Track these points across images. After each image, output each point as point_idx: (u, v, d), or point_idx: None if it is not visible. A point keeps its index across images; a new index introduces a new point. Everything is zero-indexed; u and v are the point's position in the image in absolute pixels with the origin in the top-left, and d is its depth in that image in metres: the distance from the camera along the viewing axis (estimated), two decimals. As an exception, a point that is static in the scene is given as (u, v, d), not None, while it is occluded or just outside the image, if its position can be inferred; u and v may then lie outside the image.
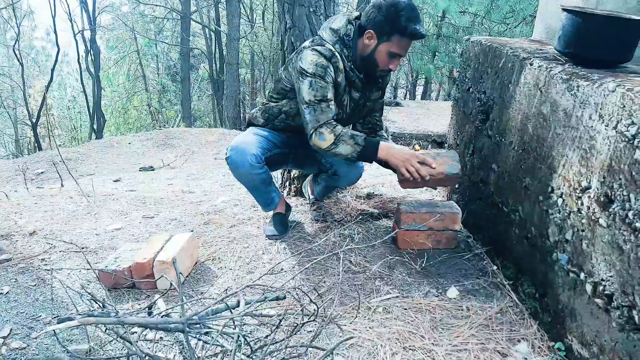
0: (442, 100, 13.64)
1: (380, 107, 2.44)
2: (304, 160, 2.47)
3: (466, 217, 2.29)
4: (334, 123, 2.06)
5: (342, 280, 1.95)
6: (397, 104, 8.23)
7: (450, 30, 11.74)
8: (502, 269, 2.01)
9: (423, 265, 2.08)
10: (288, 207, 2.52)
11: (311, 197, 2.72)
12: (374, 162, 2.07)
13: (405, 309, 1.79)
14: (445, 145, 2.88)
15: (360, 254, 2.16)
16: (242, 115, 14.33)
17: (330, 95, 2.06)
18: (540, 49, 2.03)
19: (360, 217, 2.58)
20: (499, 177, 2.07)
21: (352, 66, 2.12)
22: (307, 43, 2.15)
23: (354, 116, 2.33)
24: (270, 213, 2.49)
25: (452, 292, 1.90)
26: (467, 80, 2.48)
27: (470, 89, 2.42)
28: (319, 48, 2.06)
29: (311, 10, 2.53)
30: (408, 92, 16.80)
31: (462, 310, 1.79)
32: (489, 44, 2.24)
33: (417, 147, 2.23)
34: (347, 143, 2.03)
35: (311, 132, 2.06)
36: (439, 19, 11.75)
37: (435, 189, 2.21)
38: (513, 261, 1.94)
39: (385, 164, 2.08)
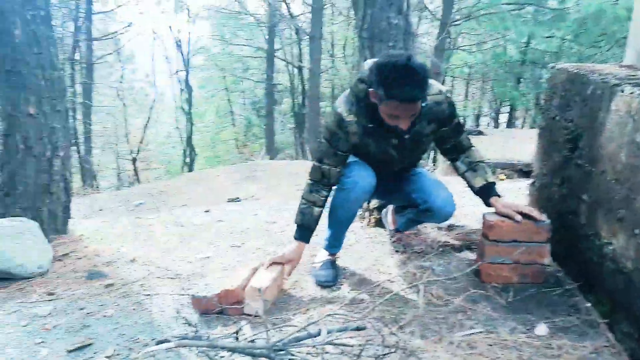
0: (528, 128, 13.14)
1: (452, 134, 2.26)
2: (390, 193, 2.44)
3: (555, 250, 2.19)
4: (315, 184, 2.21)
5: (423, 313, 1.93)
6: (480, 133, 8.05)
7: (537, 55, 11.36)
8: (596, 305, 1.90)
9: (509, 300, 2.01)
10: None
11: (391, 228, 2.72)
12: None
13: (490, 345, 1.73)
14: (532, 174, 2.79)
15: (441, 287, 2.13)
16: (323, 147, 14.58)
17: (327, 159, 2.16)
18: (632, 75, 1.95)
19: (441, 249, 2.55)
20: (589, 208, 1.98)
21: (369, 124, 2.09)
22: (340, 101, 2.17)
23: (408, 155, 2.25)
24: (322, 257, 2.45)
25: (541, 329, 1.82)
26: (553, 108, 2.41)
27: (557, 117, 2.35)
28: (337, 112, 2.12)
29: (390, 45, 2.60)
30: (492, 120, 16.36)
31: (552, 348, 1.71)
32: (575, 71, 2.18)
33: (502, 176, 2.20)
34: (300, 207, 2.23)
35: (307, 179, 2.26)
36: (524, 45, 11.42)
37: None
38: (608, 297, 1.82)
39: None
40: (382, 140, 2.15)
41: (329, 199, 2.28)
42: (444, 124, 2.20)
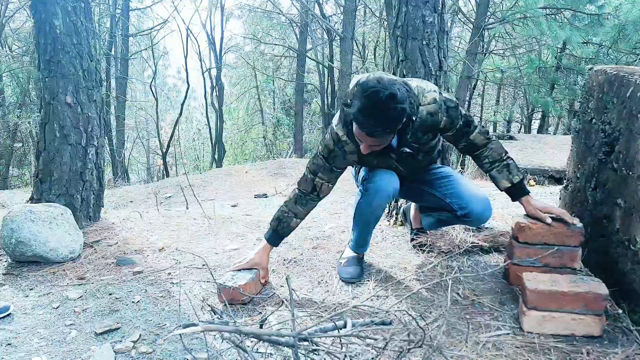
0: (560, 135, 12.84)
1: (460, 136, 2.17)
2: (419, 195, 2.41)
3: (587, 255, 2.14)
4: (303, 196, 2.24)
5: (449, 311, 1.91)
6: (511, 138, 7.90)
7: (572, 61, 11.09)
8: (629, 313, 1.85)
9: (537, 303, 1.97)
10: None
11: (414, 227, 2.69)
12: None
13: (518, 347, 1.71)
14: (564, 180, 2.73)
15: (468, 287, 2.10)
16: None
17: (322, 174, 2.18)
18: (675, 77, 1.89)
19: (469, 250, 2.52)
20: (625, 213, 1.92)
21: (358, 145, 2.04)
22: (335, 119, 2.14)
23: (413, 165, 2.23)
24: (348, 254, 2.44)
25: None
26: (589, 110, 2.36)
27: (593, 120, 2.29)
28: (334, 130, 2.10)
29: (424, 43, 2.58)
30: (523, 126, 16.06)
31: (581, 354, 1.67)
32: (614, 72, 2.12)
33: (532, 182, 2.14)
34: (280, 214, 2.29)
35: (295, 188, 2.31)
36: (559, 50, 11.16)
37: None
38: (642, 305, 1.77)
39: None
40: (381, 156, 2.13)
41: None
42: (445, 131, 2.14)
